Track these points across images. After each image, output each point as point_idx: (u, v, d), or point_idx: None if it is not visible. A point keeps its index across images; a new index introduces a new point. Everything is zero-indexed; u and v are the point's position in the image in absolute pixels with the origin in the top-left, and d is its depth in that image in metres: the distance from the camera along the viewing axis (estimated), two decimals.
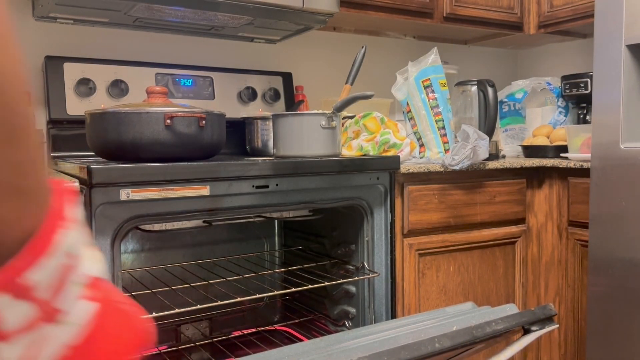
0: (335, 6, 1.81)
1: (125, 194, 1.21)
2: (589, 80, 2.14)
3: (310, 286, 1.55)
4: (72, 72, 1.76)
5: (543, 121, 2.32)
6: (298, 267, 1.73)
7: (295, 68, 2.27)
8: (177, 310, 1.34)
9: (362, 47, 1.72)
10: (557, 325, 1.09)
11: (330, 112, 1.66)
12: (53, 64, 1.74)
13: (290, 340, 1.85)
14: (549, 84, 2.32)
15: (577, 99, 2.27)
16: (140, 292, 1.53)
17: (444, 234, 1.79)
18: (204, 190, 1.30)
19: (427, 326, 0.99)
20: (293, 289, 1.58)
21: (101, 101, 1.78)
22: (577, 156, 1.92)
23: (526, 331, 1.04)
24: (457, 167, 1.72)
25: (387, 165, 1.63)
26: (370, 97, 1.64)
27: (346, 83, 1.73)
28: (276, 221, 2.06)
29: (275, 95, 2.11)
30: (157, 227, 1.62)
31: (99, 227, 1.21)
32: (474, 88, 2.07)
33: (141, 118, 1.31)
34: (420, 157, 1.96)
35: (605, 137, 1.57)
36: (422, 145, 1.99)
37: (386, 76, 2.43)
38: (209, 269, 1.81)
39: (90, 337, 0.35)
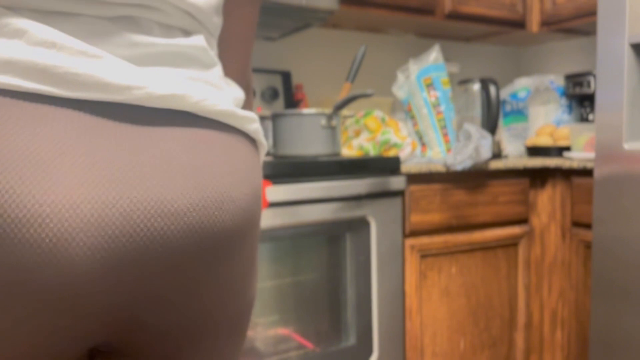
0: (334, 3, 1.79)
1: None
2: (592, 78, 2.12)
3: None
4: None
5: (546, 120, 2.29)
6: None
7: (294, 66, 2.24)
8: None
9: (363, 46, 1.70)
10: None
11: (330, 111, 1.63)
12: None
13: None
14: (552, 82, 2.30)
15: (581, 98, 2.25)
16: None
17: (446, 235, 1.77)
18: None
19: None
20: None
21: None
22: (580, 155, 1.90)
23: None
24: (459, 168, 1.70)
25: (387, 165, 1.61)
26: (371, 95, 1.62)
27: (346, 81, 1.71)
28: None
29: (274, 94, 2.09)
30: None
31: None
32: (476, 86, 2.05)
33: None
34: (422, 157, 1.94)
35: (609, 137, 1.55)
36: (423, 145, 1.97)
37: (387, 74, 2.41)
38: None
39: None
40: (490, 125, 1.99)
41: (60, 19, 0.46)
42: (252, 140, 0.59)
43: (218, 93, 0.56)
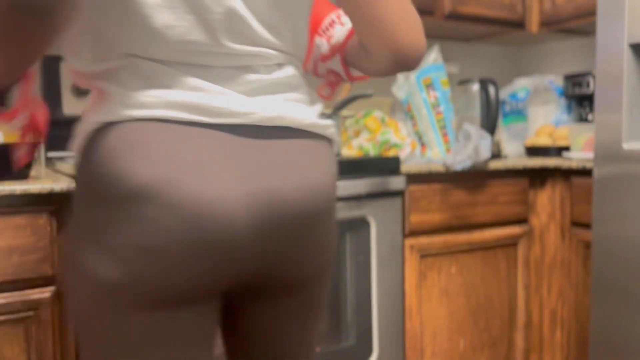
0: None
1: None
2: (591, 79, 2.12)
3: None
4: (68, 72, 1.73)
5: (546, 120, 2.30)
6: None
7: None
8: None
9: None
10: None
11: (330, 111, 1.64)
12: (49, 63, 1.72)
13: None
14: (552, 82, 2.30)
15: (580, 98, 2.25)
16: None
17: (446, 235, 1.77)
18: None
19: None
20: None
21: None
22: (579, 155, 1.90)
23: None
24: (458, 168, 1.70)
25: (387, 166, 1.61)
26: (371, 95, 1.62)
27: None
28: None
29: None
30: None
31: None
32: (476, 87, 2.05)
33: None
34: (422, 157, 1.94)
35: (608, 137, 1.55)
36: (423, 145, 1.97)
37: None
38: None
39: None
40: (490, 125, 1.99)
41: (200, 70, 0.71)
42: (329, 140, 0.83)
43: (307, 108, 0.79)
